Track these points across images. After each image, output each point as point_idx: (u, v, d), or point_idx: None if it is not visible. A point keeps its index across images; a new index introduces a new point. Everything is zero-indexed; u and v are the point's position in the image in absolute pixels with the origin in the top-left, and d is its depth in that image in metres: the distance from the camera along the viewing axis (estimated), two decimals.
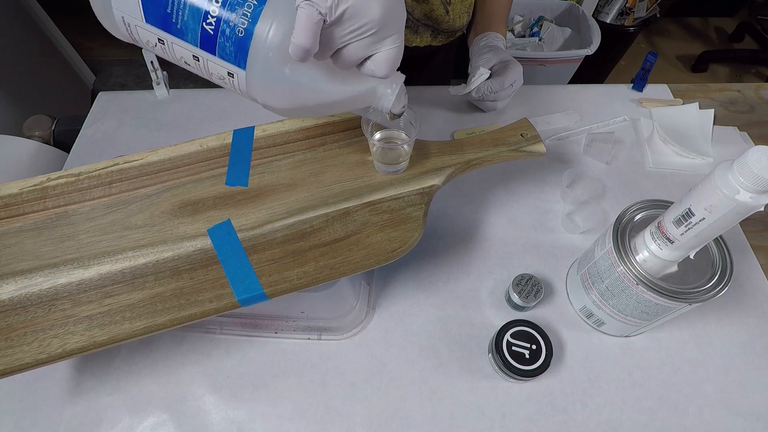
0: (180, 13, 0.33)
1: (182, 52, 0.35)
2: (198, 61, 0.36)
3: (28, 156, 0.70)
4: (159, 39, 0.35)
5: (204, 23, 0.33)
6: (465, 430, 0.45)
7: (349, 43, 0.31)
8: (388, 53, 0.32)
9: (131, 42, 0.38)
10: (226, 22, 0.32)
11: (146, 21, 0.34)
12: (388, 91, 0.36)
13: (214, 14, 0.32)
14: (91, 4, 0.35)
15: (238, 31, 0.32)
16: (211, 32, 0.33)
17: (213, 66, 0.35)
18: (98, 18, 0.36)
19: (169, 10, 0.33)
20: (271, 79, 0.35)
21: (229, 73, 0.35)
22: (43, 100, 1.57)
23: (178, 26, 0.34)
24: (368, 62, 0.33)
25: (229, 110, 0.72)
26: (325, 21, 0.29)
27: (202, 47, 0.34)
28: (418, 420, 0.45)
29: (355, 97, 0.37)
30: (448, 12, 0.70)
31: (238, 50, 0.33)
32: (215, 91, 0.75)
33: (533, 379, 0.45)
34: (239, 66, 0.34)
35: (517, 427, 0.45)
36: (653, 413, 0.45)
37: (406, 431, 0.45)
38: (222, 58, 0.34)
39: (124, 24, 0.35)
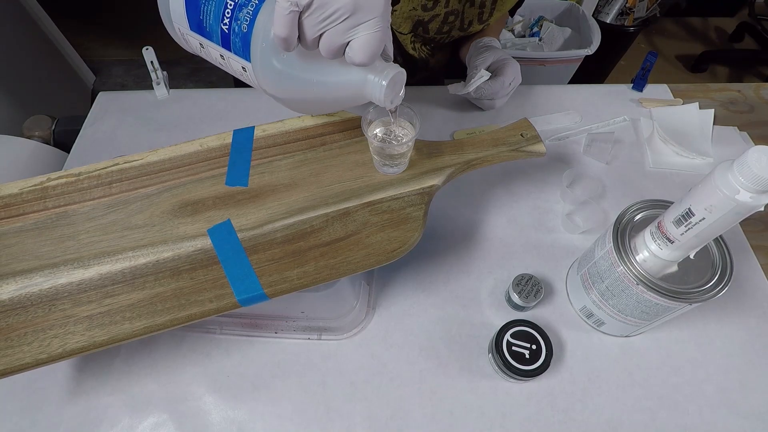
0: (207, 18, 0.37)
1: (214, 53, 0.40)
2: (224, 59, 0.39)
3: (28, 156, 0.70)
4: (200, 44, 0.40)
5: (221, 24, 0.37)
6: (465, 430, 0.45)
7: (324, 31, 0.32)
8: (364, 38, 0.32)
9: (190, 51, 0.43)
10: (236, 20, 0.36)
11: (191, 29, 0.39)
12: (376, 79, 0.35)
13: (227, 15, 0.36)
14: (163, 21, 0.41)
15: (243, 28, 0.35)
16: (227, 31, 0.37)
17: (233, 62, 0.39)
18: (169, 32, 0.42)
19: (201, 17, 0.38)
20: (268, 70, 0.37)
21: (243, 67, 0.38)
22: (43, 100, 1.56)
23: (207, 30, 0.38)
24: (347, 49, 0.33)
25: (229, 110, 0.72)
26: (302, 12, 0.30)
27: (223, 45, 0.38)
28: (418, 420, 0.45)
29: (348, 87, 0.37)
30: (428, 64, 0.73)
31: (243, 45, 0.36)
32: (215, 91, 0.75)
33: (533, 379, 0.45)
34: (246, 59, 0.37)
35: (517, 427, 0.45)
36: (653, 413, 0.46)
37: (406, 431, 0.45)
38: (235, 53, 0.38)
39: (181, 34, 0.41)
